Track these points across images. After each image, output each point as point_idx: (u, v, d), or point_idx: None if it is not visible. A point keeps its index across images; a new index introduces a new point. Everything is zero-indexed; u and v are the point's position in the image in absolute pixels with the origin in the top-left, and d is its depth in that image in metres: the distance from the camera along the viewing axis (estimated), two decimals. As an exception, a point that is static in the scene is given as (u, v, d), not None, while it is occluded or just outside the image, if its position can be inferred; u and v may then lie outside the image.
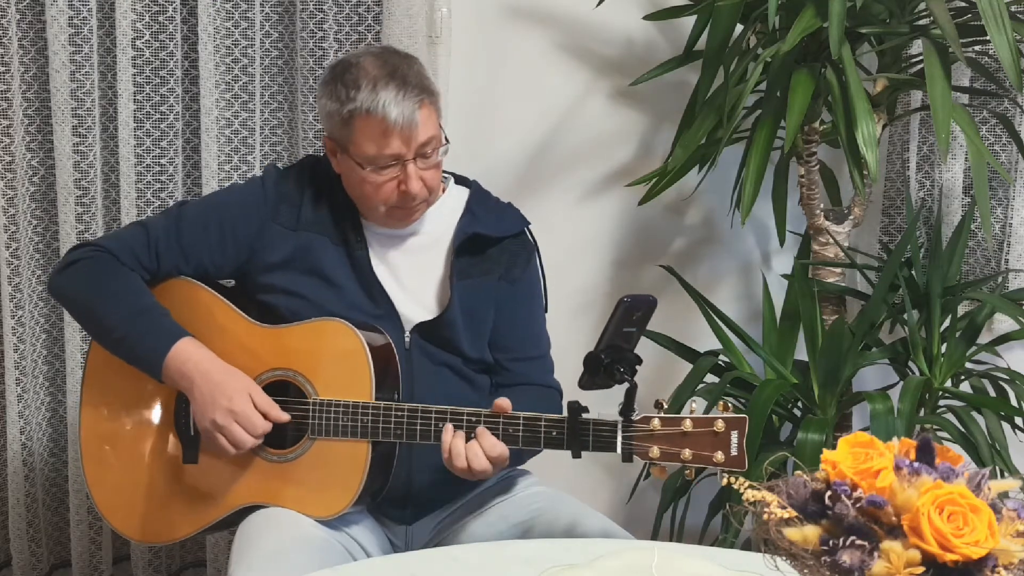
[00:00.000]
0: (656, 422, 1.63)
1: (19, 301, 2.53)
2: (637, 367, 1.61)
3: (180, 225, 1.90)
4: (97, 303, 1.86)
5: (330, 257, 1.88)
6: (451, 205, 1.96)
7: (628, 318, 1.59)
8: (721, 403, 1.64)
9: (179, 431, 1.90)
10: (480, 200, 1.99)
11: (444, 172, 1.96)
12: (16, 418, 2.55)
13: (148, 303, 1.85)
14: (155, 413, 1.92)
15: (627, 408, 1.64)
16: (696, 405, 1.66)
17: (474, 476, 1.74)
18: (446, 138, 1.88)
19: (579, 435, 1.68)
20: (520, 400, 1.77)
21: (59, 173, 2.48)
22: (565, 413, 1.70)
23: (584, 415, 1.68)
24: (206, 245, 1.90)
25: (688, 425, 1.62)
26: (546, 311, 2.05)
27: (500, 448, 1.72)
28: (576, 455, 1.70)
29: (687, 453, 1.62)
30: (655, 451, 1.63)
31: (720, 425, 1.61)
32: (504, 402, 1.73)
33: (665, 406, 1.65)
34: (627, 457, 1.65)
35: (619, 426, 1.64)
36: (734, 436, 1.60)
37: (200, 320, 1.87)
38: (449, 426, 1.73)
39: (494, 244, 1.95)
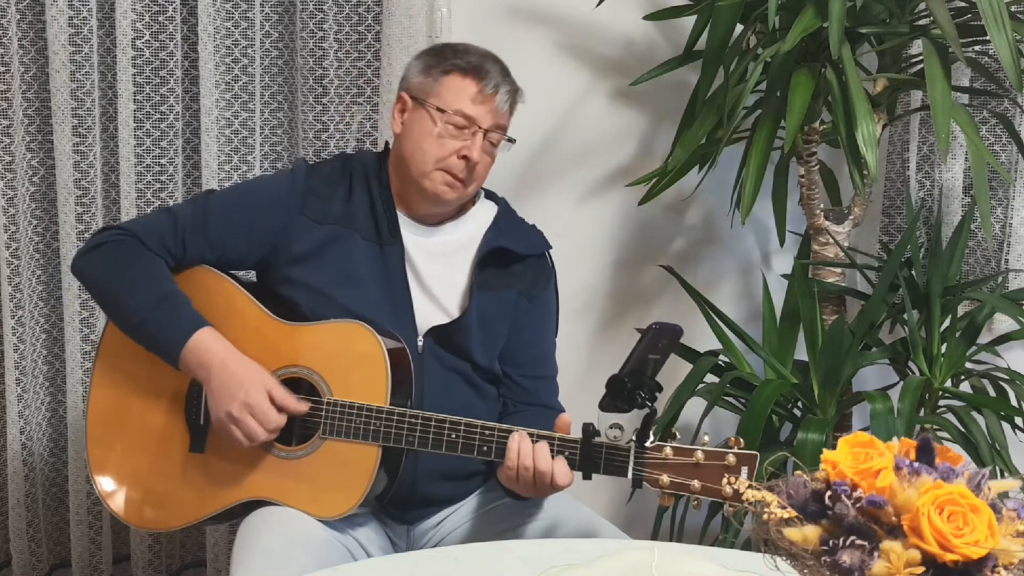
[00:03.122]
0: (668, 451, 1.64)
1: (19, 301, 2.53)
2: (657, 394, 1.61)
3: (207, 213, 1.90)
4: (119, 287, 1.86)
5: (358, 252, 1.89)
6: (480, 217, 1.99)
7: (655, 345, 1.59)
8: (732, 438, 1.64)
9: (188, 419, 1.89)
10: (507, 217, 2.02)
11: None
12: (16, 418, 2.55)
13: (170, 290, 1.85)
14: (166, 399, 1.91)
15: (642, 434, 1.64)
16: (708, 438, 1.66)
17: (537, 483, 1.72)
18: (511, 138, 1.95)
19: (592, 458, 1.69)
20: (534, 424, 1.77)
21: (59, 173, 2.48)
22: (579, 435, 1.70)
23: (597, 439, 1.68)
24: (232, 235, 1.90)
25: (700, 456, 1.62)
26: (556, 335, 2.07)
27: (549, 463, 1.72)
28: (587, 477, 1.71)
29: (696, 484, 1.62)
30: (665, 479, 1.64)
31: (731, 459, 1.61)
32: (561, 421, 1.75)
33: (678, 436, 1.66)
34: (637, 484, 1.66)
35: (632, 452, 1.65)
36: (744, 472, 1.61)
37: (221, 311, 1.87)
38: (515, 434, 1.73)
39: (518, 260, 1.97)
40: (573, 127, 2.64)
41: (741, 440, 1.63)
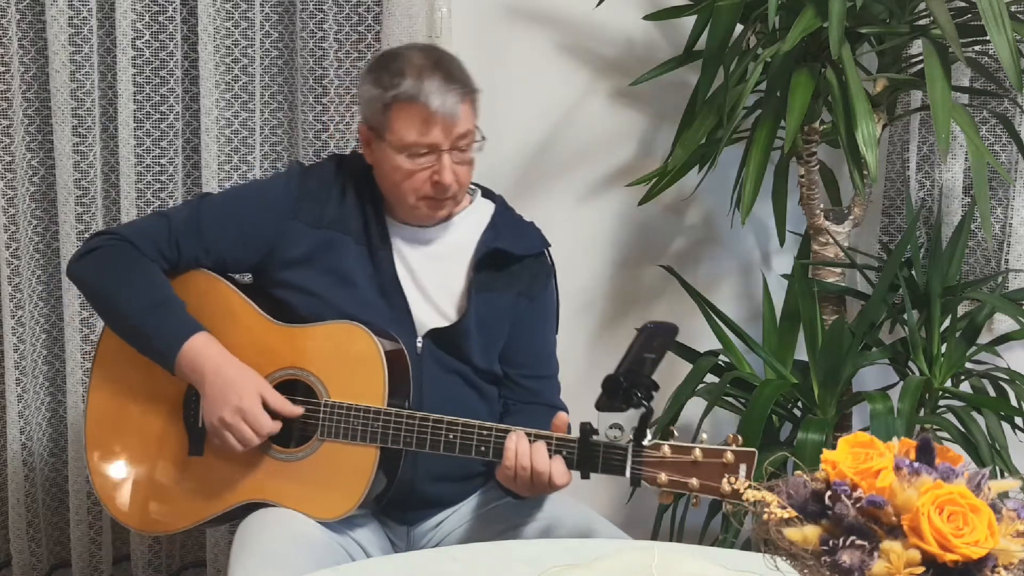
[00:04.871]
0: (666, 449, 1.64)
1: (19, 301, 2.53)
2: (654, 393, 1.61)
3: (201, 217, 1.90)
4: (115, 292, 1.86)
5: (351, 256, 1.88)
6: (476, 217, 1.97)
7: (650, 344, 1.60)
8: (731, 436, 1.64)
9: (187, 423, 1.89)
10: (504, 216, 2.00)
11: (472, 183, 1.97)
12: (16, 418, 2.55)
13: (166, 295, 1.85)
14: (164, 403, 1.91)
15: (639, 433, 1.64)
16: (706, 436, 1.66)
17: (534, 483, 1.72)
18: (482, 135, 1.89)
19: (590, 457, 1.69)
20: (534, 422, 1.77)
21: (59, 173, 2.48)
22: (577, 434, 1.70)
23: (595, 437, 1.68)
24: (226, 239, 1.89)
25: (698, 454, 1.62)
26: (557, 332, 2.06)
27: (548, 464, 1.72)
28: (585, 476, 1.71)
29: (695, 482, 1.62)
30: (663, 478, 1.63)
31: (729, 457, 1.61)
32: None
33: (676, 435, 1.66)
34: (635, 482, 1.65)
35: (630, 451, 1.65)
36: (742, 469, 1.61)
37: (217, 314, 1.87)
38: (512, 434, 1.73)
39: (515, 261, 1.95)
40: (573, 127, 2.64)
41: (739, 437, 1.63)
